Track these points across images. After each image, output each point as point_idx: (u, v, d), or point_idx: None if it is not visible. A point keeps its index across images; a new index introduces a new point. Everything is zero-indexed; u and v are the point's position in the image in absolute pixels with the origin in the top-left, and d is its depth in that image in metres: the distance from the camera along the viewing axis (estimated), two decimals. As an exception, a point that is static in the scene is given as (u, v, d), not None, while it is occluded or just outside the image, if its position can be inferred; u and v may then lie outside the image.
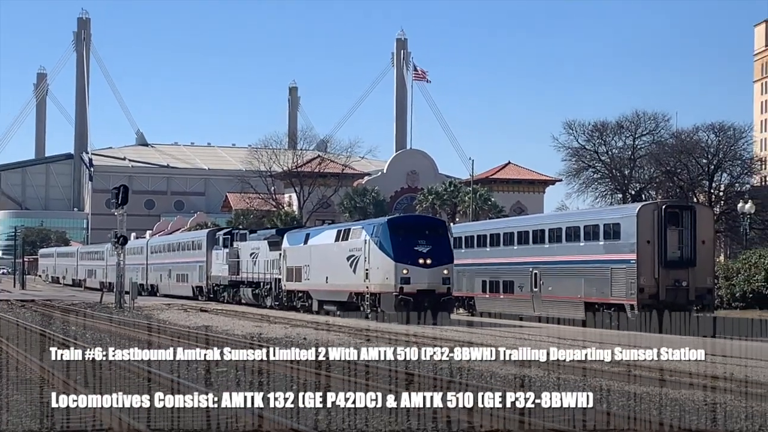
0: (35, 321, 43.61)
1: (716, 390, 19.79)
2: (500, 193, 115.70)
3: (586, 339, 33.22)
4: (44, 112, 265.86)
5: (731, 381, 20.98)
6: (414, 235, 44.06)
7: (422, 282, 43.08)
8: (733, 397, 18.88)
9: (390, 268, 43.34)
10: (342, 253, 47.86)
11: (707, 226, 43.28)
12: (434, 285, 43.20)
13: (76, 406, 15.47)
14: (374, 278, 44.57)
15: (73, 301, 69.75)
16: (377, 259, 44.38)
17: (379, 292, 44.12)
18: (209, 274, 69.97)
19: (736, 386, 20.14)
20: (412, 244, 43.46)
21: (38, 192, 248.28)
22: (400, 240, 43.74)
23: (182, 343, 30.82)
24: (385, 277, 43.65)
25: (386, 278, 43.54)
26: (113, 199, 63.02)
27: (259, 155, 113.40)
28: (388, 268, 43.49)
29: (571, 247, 45.16)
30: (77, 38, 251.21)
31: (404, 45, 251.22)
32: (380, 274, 44.01)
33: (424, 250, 43.31)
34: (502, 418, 14.74)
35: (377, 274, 44.29)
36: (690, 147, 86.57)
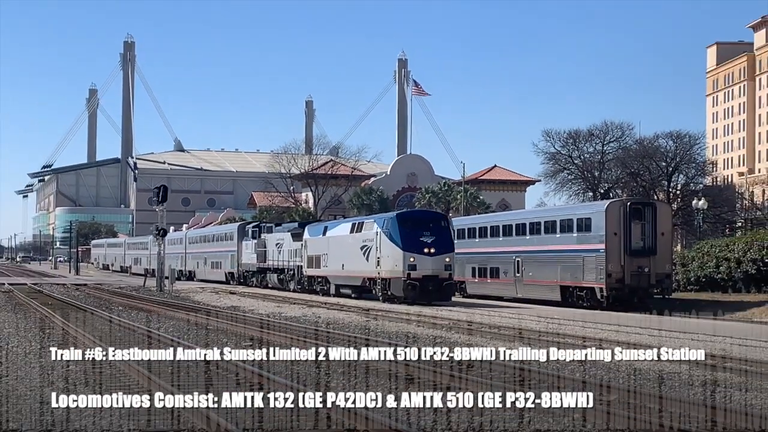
0: (88, 302, 43.64)
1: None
2: (487, 192, 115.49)
3: (564, 320, 33.18)
4: (95, 122, 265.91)
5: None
6: (420, 227, 43.99)
7: (427, 268, 42.99)
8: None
9: (399, 257, 43.35)
10: (356, 244, 47.79)
11: (666, 220, 43.20)
12: (437, 271, 43.14)
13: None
14: (385, 265, 44.58)
15: (120, 285, 69.76)
16: (387, 249, 44.34)
17: (389, 278, 44.12)
18: (240, 262, 69.90)
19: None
20: (418, 235, 43.38)
21: (90, 191, 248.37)
22: (408, 232, 43.67)
23: (213, 320, 30.86)
24: (394, 264, 43.66)
25: (395, 265, 43.55)
26: (154, 197, 63.05)
27: (280, 159, 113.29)
28: (397, 257, 43.50)
29: (549, 239, 45.06)
30: (123, 59, 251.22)
31: (405, 64, 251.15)
32: (390, 262, 44.04)
33: (429, 241, 43.23)
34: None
35: (387, 262, 44.30)
36: (651, 152, 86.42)
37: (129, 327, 27.73)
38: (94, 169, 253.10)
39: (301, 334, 25.38)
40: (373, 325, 30.05)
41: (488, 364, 16.15)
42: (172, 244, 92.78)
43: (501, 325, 29.40)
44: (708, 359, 19.75)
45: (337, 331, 26.20)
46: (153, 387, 14.49)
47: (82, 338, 23.46)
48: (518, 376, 16.20)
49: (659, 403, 13.42)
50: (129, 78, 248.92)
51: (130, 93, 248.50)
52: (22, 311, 36.22)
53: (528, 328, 28.25)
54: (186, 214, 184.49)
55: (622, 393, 14.10)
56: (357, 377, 16.47)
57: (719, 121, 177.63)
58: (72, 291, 57.36)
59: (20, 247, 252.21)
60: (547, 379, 15.84)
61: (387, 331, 27.51)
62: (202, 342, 23.40)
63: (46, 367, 17.68)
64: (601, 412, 12.65)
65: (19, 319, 31.42)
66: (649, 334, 26.59)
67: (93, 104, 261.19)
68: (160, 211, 62.58)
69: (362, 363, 17.73)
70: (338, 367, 16.64)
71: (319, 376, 16.28)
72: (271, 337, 24.69)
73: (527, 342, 23.90)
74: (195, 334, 26.33)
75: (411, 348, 16.93)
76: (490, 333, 26.55)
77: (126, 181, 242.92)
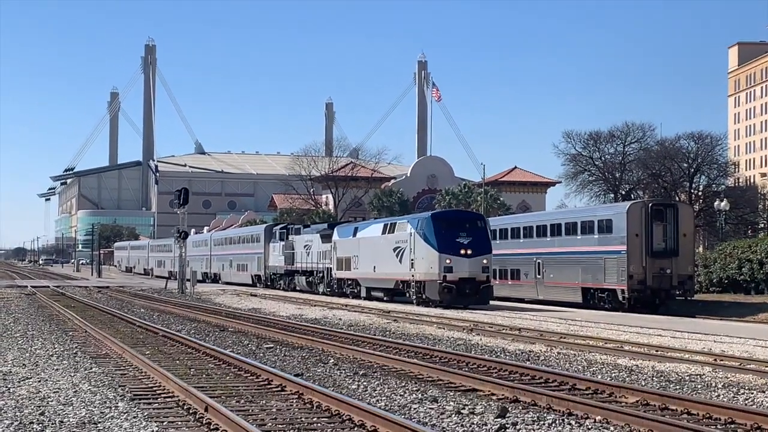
0: (110, 304, 43.82)
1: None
2: (508, 194, 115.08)
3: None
4: (117, 125, 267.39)
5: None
6: (456, 227, 42.20)
7: (463, 271, 41.16)
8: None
9: (434, 258, 41.55)
10: (388, 245, 46.12)
11: (688, 221, 42.94)
12: (474, 273, 41.33)
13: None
14: (419, 267, 42.80)
15: (142, 287, 70.01)
16: (422, 250, 42.56)
17: (424, 280, 42.39)
18: (267, 264, 68.74)
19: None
20: (454, 236, 41.59)
21: (112, 194, 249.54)
22: (443, 232, 41.88)
23: (233, 322, 30.91)
24: (429, 266, 41.89)
25: (430, 267, 41.76)
26: (176, 199, 63.25)
27: (300, 161, 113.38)
28: (432, 258, 41.70)
29: (570, 240, 44.90)
30: (145, 62, 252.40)
31: (425, 66, 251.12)
32: (425, 264, 42.28)
33: (465, 242, 41.45)
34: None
35: (422, 264, 42.53)
36: (673, 153, 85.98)
37: (150, 329, 27.83)
38: (115, 172, 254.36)
39: (323, 336, 25.38)
40: (393, 327, 30.02)
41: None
42: (196, 246, 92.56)
43: (522, 326, 29.30)
44: (730, 360, 19.64)
45: (358, 333, 26.18)
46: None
47: (104, 340, 23.57)
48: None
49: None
50: (150, 81, 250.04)
51: (151, 96, 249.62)
52: (45, 314, 36.41)
53: (569, 332, 28.12)
54: (207, 216, 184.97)
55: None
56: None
57: (741, 121, 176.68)
58: (94, 293, 57.62)
59: (43, 250, 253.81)
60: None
61: (407, 333, 27.47)
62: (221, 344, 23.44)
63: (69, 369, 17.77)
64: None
65: (43, 322, 31.58)
66: (671, 336, 26.46)
67: (114, 107, 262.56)
68: (182, 213, 62.73)
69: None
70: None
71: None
72: (291, 339, 24.70)
73: (569, 346, 23.81)
74: (215, 335, 26.38)
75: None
76: (511, 335, 26.47)
77: (147, 183, 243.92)
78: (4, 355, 20.40)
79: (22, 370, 17.62)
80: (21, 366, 18.36)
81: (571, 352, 21.70)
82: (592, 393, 14.77)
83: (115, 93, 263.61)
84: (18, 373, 17.26)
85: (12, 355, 20.54)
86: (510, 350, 22.24)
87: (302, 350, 21.98)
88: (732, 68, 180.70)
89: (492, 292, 43.11)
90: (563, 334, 26.38)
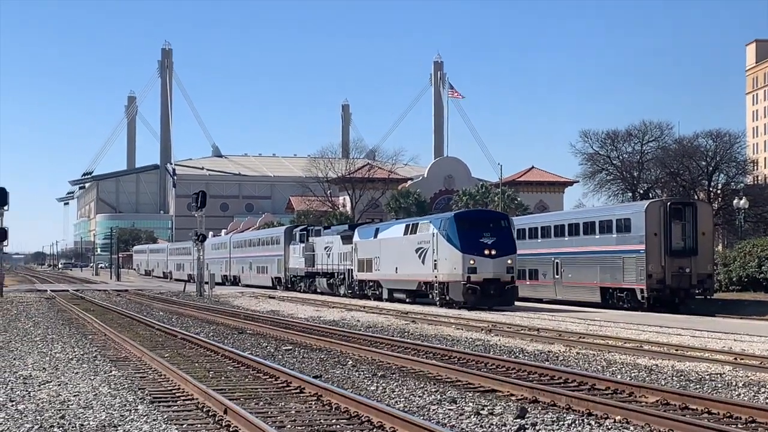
0: (129, 307, 43.98)
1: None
2: (525, 194, 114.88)
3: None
4: (134, 129, 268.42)
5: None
6: (479, 227, 41.44)
7: (488, 271, 40.39)
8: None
9: (457, 259, 40.79)
10: (411, 246, 45.42)
11: (707, 219, 42.73)
12: (499, 274, 40.59)
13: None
14: (442, 268, 42.11)
15: (160, 290, 70.25)
16: (445, 251, 41.83)
17: (447, 281, 41.71)
18: (287, 266, 68.32)
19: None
20: (477, 236, 40.83)
21: (130, 198, 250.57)
22: (467, 232, 41.12)
23: (251, 324, 30.97)
24: (452, 267, 41.10)
25: (454, 268, 40.99)
26: (193, 203, 63.30)
27: (317, 163, 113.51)
28: (455, 259, 40.95)
29: (588, 240, 44.76)
30: (161, 66, 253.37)
31: (440, 67, 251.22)
32: (448, 265, 41.50)
33: (489, 242, 40.72)
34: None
35: (445, 265, 41.80)
36: (691, 151, 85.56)
37: (169, 332, 27.92)
38: (133, 176, 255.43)
39: (341, 338, 25.40)
40: (411, 328, 30.01)
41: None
42: (216, 249, 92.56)
43: (541, 327, 29.24)
44: (751, 359, 19.54)
45: (376, 335, 26.18)
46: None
47: (123, 343, 23.66)
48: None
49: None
50: (167, 85, 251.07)
51: (168, 100, 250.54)
52: (64, 317, 36.57)
53: (588, 332, 28.03)
54: (224, 219, 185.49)
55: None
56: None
57: (759, 119, 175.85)
58: (113, 297, 57.86)
59: (62, 254, 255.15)
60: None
61: (425, 334, 27.46)
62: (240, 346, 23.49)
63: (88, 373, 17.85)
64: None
65: (62, 325, 31.73)
66: (691, 335, 26.35)
67: (132, 111, 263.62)
68: (199, 216, 62.87)
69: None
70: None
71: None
72: (309, 340, 24.73)
73: (587, 346, 23.75)
74: (233, 338, 26.44)
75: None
76: (530, 335, 26.41)
77: (165, 187, 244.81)
78: (25, 359, 20.50)
79: (42, 374, 17.70)
80: (41, 370, 18.45)
81: (591, 352, 21.64)
82: (611, 393, 14.72)
83: (133, 97, 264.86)
84: (38, 376, 17.34)
85: (32, 358, 20.64)
86: (529, 350, 22.19)
87: (321, 352, 22.01)
88: (750, 65, 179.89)
89: (517, 293, 42.48)
90: (582, 334, 26.31)
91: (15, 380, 16.76)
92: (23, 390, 15.42)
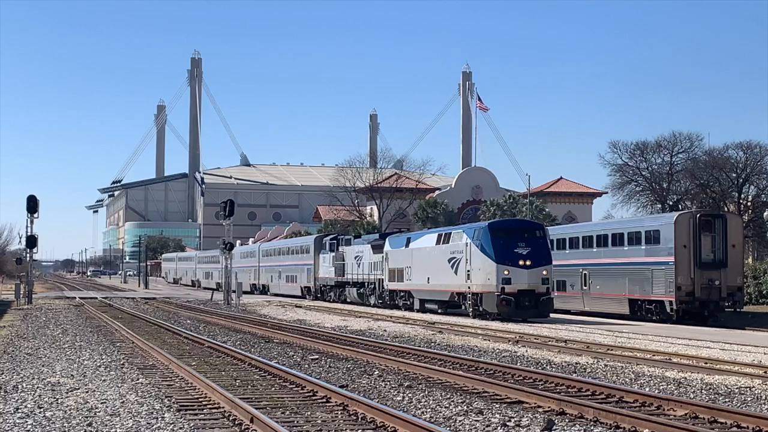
0: (156, 315, 44.19)
1: None
2: (553, 204, 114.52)
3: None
4: (163, 138, 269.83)
5: None
6: (514, 237, 40.70)
7: (522, 282, 39.70)
8: None
9: (491, 270, 40.12)
10: (443, 256, 44.76)
11: (737, 232, 42.42)
12: (534, 285, 39.85)
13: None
14: (476, 279, 41.43)
15: (188, 298, 70.55)
16: (478, 261, 41.18)
17: (481, 292, 41.03)
18: (317, 276, 67.87)
19: None
20: (512, 247, 40.15)
21: (158, 206, 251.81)
22: (501, 242, 40.46)
23: (278, 333, 31.03)
24: (486, 278, 40.46)
25: (487, 279, 40.34)
26: (221, 211, 63.55)
27: (344, 173, 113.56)
28: (489, 270, 40.29)
29: (617, 251, 44.54)
30: (191, 75, 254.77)
31: (469, 77, 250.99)
32: (482, 275, 40.85)
33: (524, 252, 40.04)
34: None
35: (478, 275, 41.13)
36: (721, 163, 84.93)
37: (196, 340, 28.02)
38: (162, 184, 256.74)
39: (368, 347, 25.39)
40: (438, 339, 29.95)
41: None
42: (245, 258, 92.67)
43: (568, 338, 29.10)
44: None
45: (403, 345, 26.15)
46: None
47: (150, 351, 23.77)
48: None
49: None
50: (196, 94, 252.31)
51: (197, 108, 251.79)
52: (92, 325, 36.80)
53: (627, 345, 27.87)
54: (252, 228, 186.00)
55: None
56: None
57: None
58: (141, 305, 58.19)
59: (90, 262, 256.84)
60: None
61: (452, 345, 27.40)
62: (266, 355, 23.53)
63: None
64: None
65: (90, 333, 31.92)
66: (720, 348, 26.14)
67: (161, 120, 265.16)
68: (227, 225, 63.08)
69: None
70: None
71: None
72: (336, 350, 24.74)
73: (615, 358, 23.62)
74: (260, 347, 26.49)
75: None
76: (557, 347, 26.29)
77: (193, 195, 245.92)
78: (53, 366, 20.64)
79: (70, 381, 17.81)
80: (69, 377, 18.57)
81: (618, 365, 21.51)
82: (639, 406, 14.63)
83: (162, 106, 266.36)
84: (66, 383, 17.45)
85: (60, 365, 20.78)
86: (556, 362, 22.09)
87: (347, 361, 22.01)
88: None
89: (552, 305, 41.60)
90: (610, 346, 26.16)
91: (43, 387, 16.88)
92: (51, 397, 15.52)
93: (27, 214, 59.36)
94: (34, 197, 59.16)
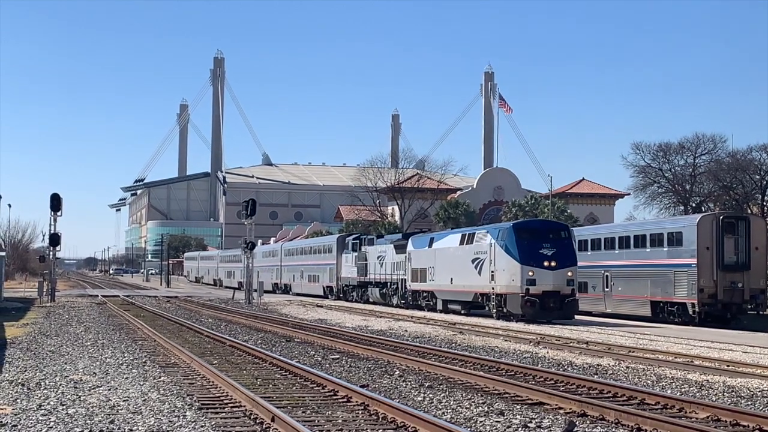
0: (178, 314, 44.35)
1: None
2: (575, 206, 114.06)
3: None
4: (186, 137, 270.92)
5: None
6: (539, 238, 40.25)
7: (547, 283, 39.34)
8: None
9: (516, 270, 39.78)
10: (467, 256, 44.41)
11: (760, 234, 42.19)
12: (559, 286, 39.56)
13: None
14: (500, 280, 41.06)
15: (210, 297, 70.78)
16: (503, 262, 40.78)
17: (505, 293, 40.72)
18: (339, 276, 67.68)
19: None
20: (537, 247, 39.78)
21: (180, 205, 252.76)
22: (526, 243, 40.05)
23: (299, 332, 31.08)
24: (510, 279, 40.11)
25: (512, 280, 40.00)
26: (243, 210, 63.68)
27: (366, 173, 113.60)
28: (513, 270, 39.94)
29: (639, 253, 44.35)
30: (213, 75, 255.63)
31: (491, 77, 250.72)
32: (506, 276, 40.48)
33: (549, 253, 39.68)
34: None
35: (503, 276, 40.76)
36: (744, 165, 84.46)
37: (217, 339, 28.11)
38: (184, 183, 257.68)
39: (389, 347, 25.40)
40: (458, 339, 29.92)
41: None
42: (266, 257, 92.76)
43: (590, 340, 29.00)
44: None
45: (423, 345, 26.14)
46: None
47: (172, 349, 23.86)
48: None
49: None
50: (218, 93, 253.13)
51: (220, 108, 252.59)
52: (115, 323, 36.99)
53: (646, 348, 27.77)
54: (274, 227, 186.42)
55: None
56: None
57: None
58: (163, 303, 58.43)
59: (113, 260, 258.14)
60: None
61: (473, 345, 27.36)
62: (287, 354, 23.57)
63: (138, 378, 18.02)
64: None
65: (113, 331, 32.09)
66: (743, 351, 25.99)
67: (184, 119, 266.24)
68: (249, 224, 63.23)
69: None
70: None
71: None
72: (356, 350, 24.76)
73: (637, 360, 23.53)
74: (281, 346, 26.54)
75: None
76: (578, 348, 26.21)
77: (215, 194, 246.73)
78: (75, 364, 20.76)
79: (92, 379, 17.91)
80: (91, 374, 18.67)
81: (640, 367, 21.42)
82: (661, 408, 14.56)
83: (185, 105, 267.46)
84: (88, 381, 17.55)
85: (83, 363, 20.89)
86: (577, 364, 22.02)
87: (368, 361, 22.02)
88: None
89: (577, 306, 41.21)
90: (632, 348, 26.06)
91: (66, 384, 16.98)
92: (74, 394, 15.61)
93: (50, 212, 59.74)
94: (57, 195, 59.53)
